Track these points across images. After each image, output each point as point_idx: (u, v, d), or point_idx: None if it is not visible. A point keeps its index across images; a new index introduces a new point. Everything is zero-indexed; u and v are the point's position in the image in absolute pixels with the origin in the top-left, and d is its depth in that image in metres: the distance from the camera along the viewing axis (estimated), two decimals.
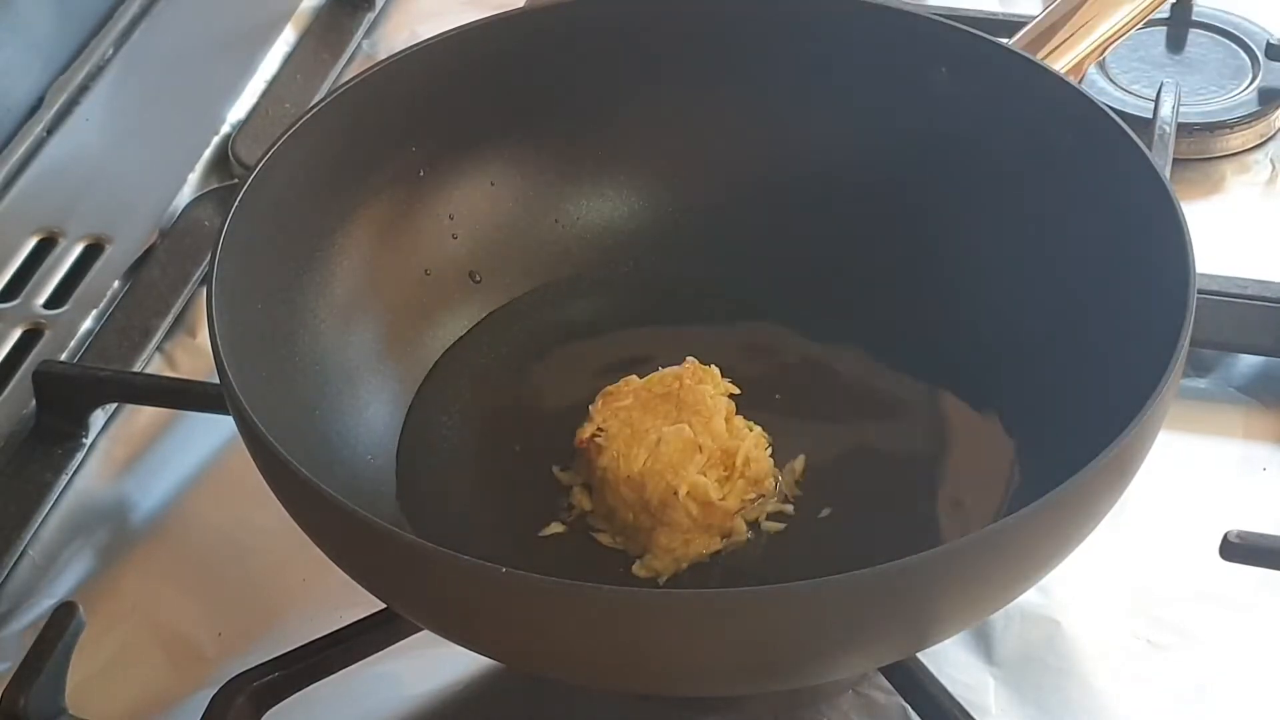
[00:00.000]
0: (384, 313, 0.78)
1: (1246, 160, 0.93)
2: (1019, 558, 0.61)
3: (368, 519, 0.60)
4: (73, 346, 0.86)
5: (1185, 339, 0.64)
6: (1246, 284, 0.82)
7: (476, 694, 0.71)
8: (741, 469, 0.70)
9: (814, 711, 0.69)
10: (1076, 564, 0.64)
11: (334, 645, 0.68)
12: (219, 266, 0.68)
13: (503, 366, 0.78)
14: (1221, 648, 0.71)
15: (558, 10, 0.82)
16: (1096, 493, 0.61)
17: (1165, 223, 0.68)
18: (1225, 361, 0.83)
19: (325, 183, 0.76)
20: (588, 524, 0.72)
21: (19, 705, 0.66)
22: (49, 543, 0.78)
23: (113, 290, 0.89)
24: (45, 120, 0.98)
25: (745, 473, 0.71)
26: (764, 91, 0.81)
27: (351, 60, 1.03)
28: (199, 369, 0.84)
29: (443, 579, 0.60)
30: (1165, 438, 0.64)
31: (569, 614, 0.58)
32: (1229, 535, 0.70)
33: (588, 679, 0.66)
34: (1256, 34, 0.98)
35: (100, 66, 1.02)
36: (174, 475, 0.81)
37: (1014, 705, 0.70)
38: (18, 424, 0.82)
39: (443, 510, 0.73)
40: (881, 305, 0.79)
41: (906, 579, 0.58)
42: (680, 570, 0.70)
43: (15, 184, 0.95)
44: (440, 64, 0.79)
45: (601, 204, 0.83)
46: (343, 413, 0.74)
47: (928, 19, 0.79)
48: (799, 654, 0.60)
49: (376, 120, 0.77)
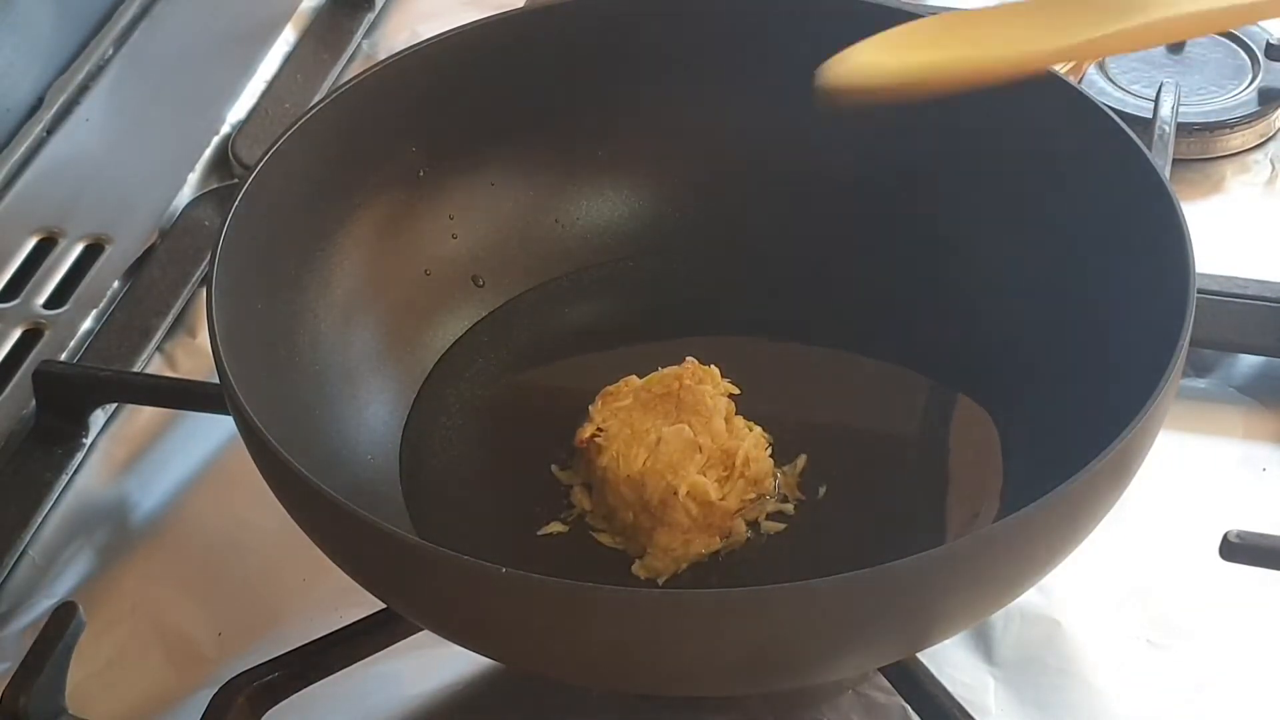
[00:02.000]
0: (384, 313, 0.78)
1: (1246, 160, 0.93)
2: (1019, 558, 0.61)
3: (368, 519, 0.60)
4: (73, 346, 0.86)
5: (1185, 339, 0.64)
6: (1246, 284, 0.82)
7: (476, 694, 0.71)
8: (741, 469, 0.70)
9: (814, 711, 0.69)
10: (1076, 564, 0.65)
11: (334, 645, 0.68)
12: (219, 266, 0.68)
13: (503, 366, 0.78)
14: (1221, 648, 0.71)
15: (558, 10, 0.82)
16: (1096, 493, 0.61)
17: (1165, 223, 0.68)
18: (1225, 361, 0.83)
19: (325, 182, 0.76)
20: (587, 524, 0.72)
21: (19, 705, 0.66)
22: (49, 543, 0.78)
23: (113, 290, 0.89)
24: (45, 120, 0.98)
25: (745, 473, 0.71)
26: (764, 91, 0.81)
27: (351, 60, 1.03)
28: (199, 369, 0.84)
29: (443, 579, 0.60)
30: (1165, 438, 0.64)
31: (569, 614, 0.58)
32: (1229, 535, 0.70)
33: (588, 679, 0.66)
34: (1256, 34, 0.98)
35: (100, 66, 1.02)
36: (174, 475, 0.81)
37: (1014, 705, 0.70)
38: (18, 424, 0.82)
39: (442, 510, 0.73)
40: (881, 305, 0.79)
41: (906, 579, 0.58)
42: (680, 570, 0.70)
43: (15, 184, 0.95)
44: (440, 64, 0.79)
45: (601, 204, 0.83)
46: (343, 413, 0.74)
47: None
48: (799, 654, 0.60)
49: (376, 120, 0.77)
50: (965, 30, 0.69)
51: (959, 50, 0.68)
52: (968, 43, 0.68)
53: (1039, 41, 0.68)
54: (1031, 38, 0.68)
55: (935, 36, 0.69)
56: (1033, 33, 0.68)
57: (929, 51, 0.68)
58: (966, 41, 0.68)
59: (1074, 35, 0.67)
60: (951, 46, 0.68)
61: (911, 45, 0.68)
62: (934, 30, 0.69)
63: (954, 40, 0.68)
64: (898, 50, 0.68)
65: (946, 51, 0.68)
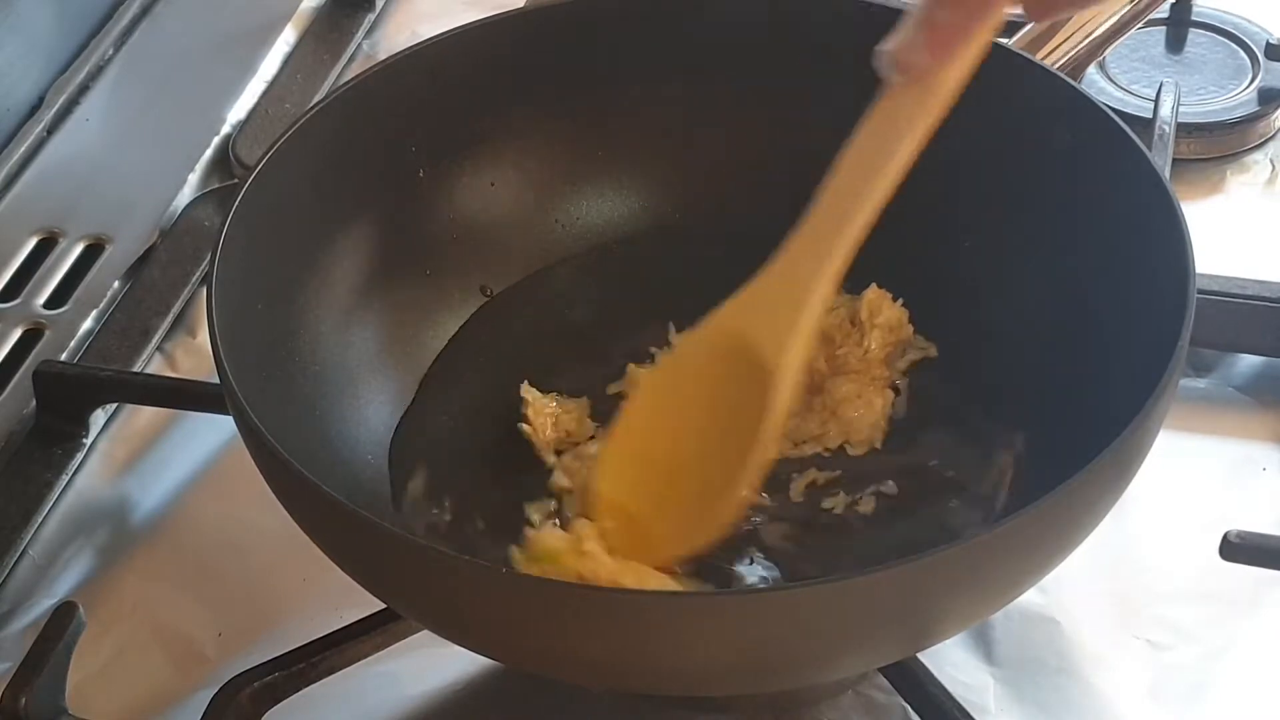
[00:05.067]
0: (384, 313, 0.78)
1: (1246, 160, 0.94)
2: (1019, 558, 0.61)
3: (368, 519, 0.60)
4: (73, 346, 0.86)
5: (1185, 339, 0.64)
6: (1246, 284, 0.82)
7: (476, 694, 0.71)
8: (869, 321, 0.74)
9: (814, 711, 0.69)
10: (1076, 564, 0.64)
11: (334, 645, 0.68)
12: (219, 267, 0.68)
13: (502, 366, 0.78)
14: (1221, 648, 0.71)
15: (558, 10, 0.82)
16: (1096, 493, 0.61)
17: (1165, 223, 0.68)
18: (1225, 361, 0.83)
19: (325, 183, 0.76)
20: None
21: (19, 705, 0.66)
22: (49, 543, 0.78)
23: (113, 290, 0.89)
24: (45, 120, 0.98)
25: (876, 322, 0.74)
26: (763, 91, 0.81)
27: (351, 60, 1.03)
28: (199, 369, 0.84)
29: (443, 579, 0.60)
30: (1165, 438, 0.64)
31: (569, 614, 0.58)
32: (1229, 535, 0.70)
33: (588, 679, 0.66)
34: (1256, 34, 0.98)
35: (100, 66, 1.02)
36: (174, 475, 0.81)
37: (1014, 705, 0.70)
38: (18, 424, 0.82)
39: (442, 510, 0.73)
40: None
41: (906, 579, 0.58)
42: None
43: (15, 184, 0.95)
44: (440, 64, 0.79)
45: (601, 204, 0.83)
46: (343, 412, 0.74)
47: None
48: (799, 654, 0.60)
49: (376, 120, 0.77)
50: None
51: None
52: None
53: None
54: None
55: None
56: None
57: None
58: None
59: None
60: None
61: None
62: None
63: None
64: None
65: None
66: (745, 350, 0.66)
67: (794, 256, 0.66)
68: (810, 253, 0.66)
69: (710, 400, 0.67)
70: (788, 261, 0.66)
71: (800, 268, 0.66)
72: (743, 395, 0.66)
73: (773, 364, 0.65)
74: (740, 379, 0.66)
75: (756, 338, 0.66)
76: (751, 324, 0.66)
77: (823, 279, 0.65)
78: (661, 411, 0.69)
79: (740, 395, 0.66)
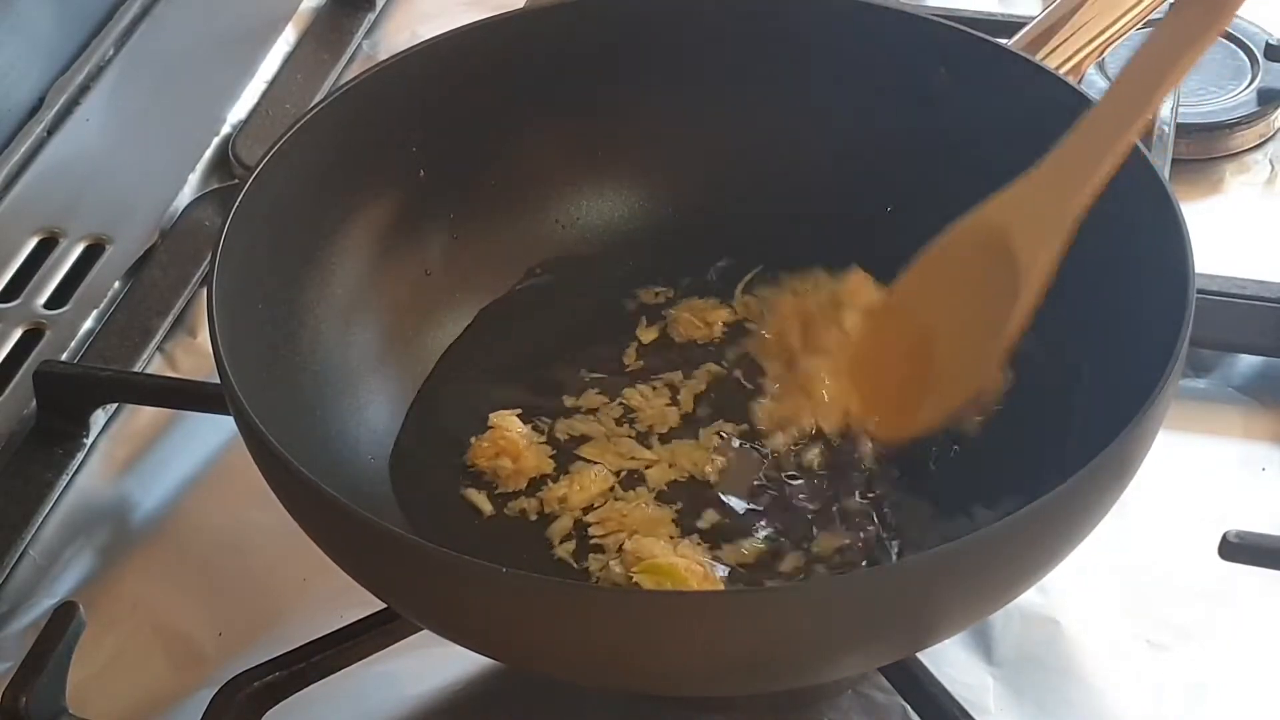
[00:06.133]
0: (384, 313, 0.78)
1: (1246, 160, 0.94)
2: (1019, 558, 0.61)
3: (368, 519, 0.60)
4: (73, 346, 0.86)
5: (1185, 339, 0.64)
6: (1246, 284, 0.82)
7: (476, 694, 0.71)
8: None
9: (814, 711, 0.69)
10: (1076, 564, 0.65)
11: (334, 645, 0.68)
12: (219, 267, 0.68)
13: (502, 366, 0.78)
14: (1221, 648, 0.71)
15: (558, 10, 0.82)
16: (1096, 493, 0.61)
17: (1165, 223, 0.68)
18: (1225, 361, 0.83)
19: (325, 183, 0.76)
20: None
21: (20, 705, 0.66)
22: (49, 543, 0.78)
23: (113, 290, 0.89)
24: (46, 120, 0.98)
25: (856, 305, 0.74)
26: (763, 91, 0.81)
27: (351, 60, 1.03)
28: (199, 369, 0.84)
29: (443, 579, 0.60)
30: (1165, 438, 0.64)
31: (569, 614, 0.58)
32: (1229, 535, 0.70)
33: (588, 679, 0.66)
34: (1256, 34, 0.98)
35: (101, 66, 1.02)
36: (174, 475, 0.81)
37: (1014, 705, 0.70)
38: (18, 424, 0.82)
39: (442, 510, 0.73)
40: None
41: (906, 579, 0.58)
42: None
43: (16, 184, 0.95)
44: (440, 64, 0.79)
45: (601, 204, 0.83)
46: (343, 413, 0.74)
47: (927, 19, 0.79)
48: (799, 654, 0.60)
49: (376, 120, 0.77)
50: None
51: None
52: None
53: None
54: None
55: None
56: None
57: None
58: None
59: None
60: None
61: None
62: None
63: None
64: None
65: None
66: (1005, 246, 0.68)
67: (1065, 160, 0.67)
68: (1083, 157, 0.67)
69: (963, 287, 0.70)
70: (1058, 164, 0.68)
71: (1071, 172, 0.67)
72: (995, 287, 0.68)
73: (1029, 261, 0.67)
74: (996, 271, 0.68)
75: (1019, 234, 0.68)
76: (1016, 220, 0.68)
77: (1090, 184, 0.66)
78: (917, 295, 0.72)
79: (993, 287, 0.68)
